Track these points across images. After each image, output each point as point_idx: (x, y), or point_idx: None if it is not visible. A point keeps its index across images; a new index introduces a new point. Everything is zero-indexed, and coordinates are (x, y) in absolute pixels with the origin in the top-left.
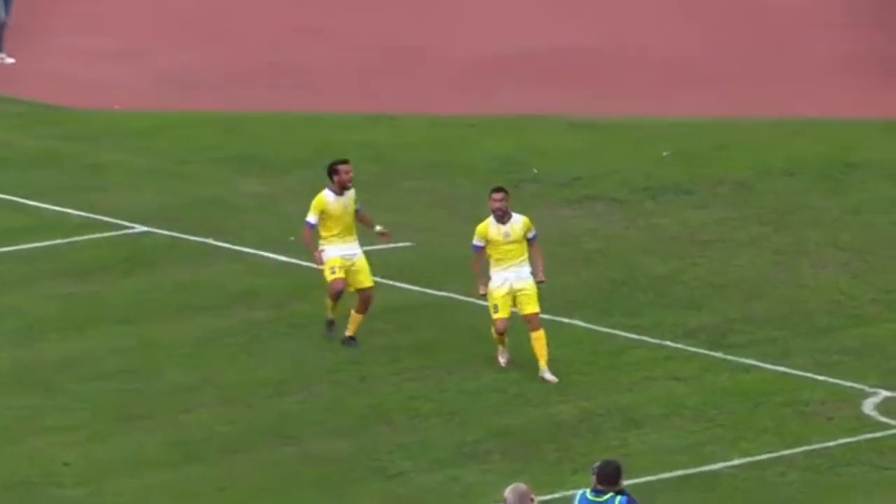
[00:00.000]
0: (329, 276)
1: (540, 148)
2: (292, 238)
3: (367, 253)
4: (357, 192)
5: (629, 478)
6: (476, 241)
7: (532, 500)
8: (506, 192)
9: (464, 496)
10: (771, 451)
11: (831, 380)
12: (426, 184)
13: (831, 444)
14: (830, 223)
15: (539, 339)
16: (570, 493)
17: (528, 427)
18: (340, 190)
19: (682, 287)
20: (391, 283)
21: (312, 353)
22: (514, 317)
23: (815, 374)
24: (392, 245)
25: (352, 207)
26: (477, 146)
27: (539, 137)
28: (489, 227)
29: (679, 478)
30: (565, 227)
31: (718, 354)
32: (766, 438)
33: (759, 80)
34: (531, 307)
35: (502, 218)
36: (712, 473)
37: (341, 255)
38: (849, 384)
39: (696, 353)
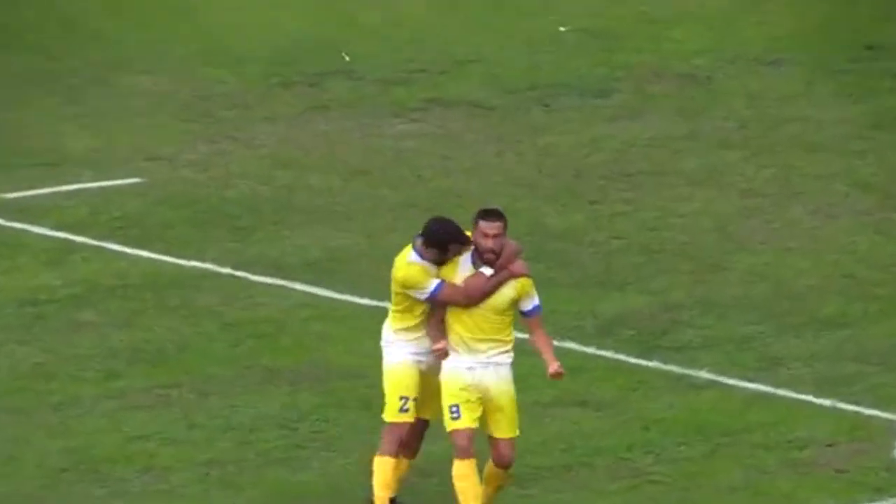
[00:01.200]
0: (393, 413)
1: (354, 19)
2: None
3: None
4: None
5: None
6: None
7: None
8: (504, 219)
9: None
10: None
11: (843, 406)
12: (158, 82)
13: None
14: (840, 143)
15: (497, 479)
16: None
17: (338, 485)
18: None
19: (592, 252)
20: (105, 245)
21: None
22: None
23: (816, 396)
24: (109, 182)
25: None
26: (246, 18)
27: (352, 1)
28: (458, 273)
29: None
30: (397, 151)
31: (653, 364)
32: (735, 502)
33: None
34: (505, 429)
35: (490, 264)
36: None
37: (415, 355)
38: (872, 413)
39: (616, 361)
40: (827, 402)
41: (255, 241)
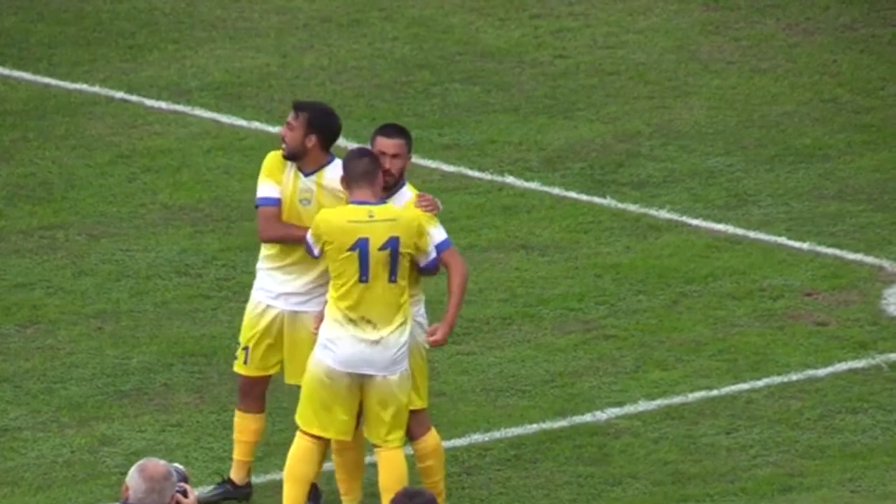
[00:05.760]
0: (239, 364)
1: None
2: None
3: None
4: None
5: None
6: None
7: (183, 488)
8: (407, 138)
9: None
10: (711, 387)
11: (822, 249)
12: None
13: (823, 371)
14: None
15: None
16: None
17: None
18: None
19: (535, 74)
20: None
21: None
22: None
23: (792, 238)
24: None
25: (328, 204)
26: None
27: None
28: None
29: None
30: None
31: (607, 202)
32: (699, 362)
33: None
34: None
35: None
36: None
37: (270, 301)
38: (856, 257)
39: (564, 199)
40: (804, 246)
41: (151, 61)
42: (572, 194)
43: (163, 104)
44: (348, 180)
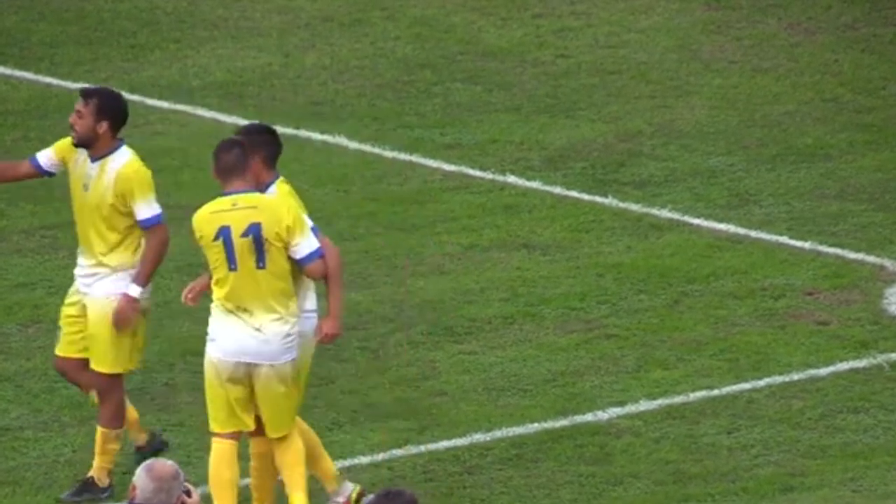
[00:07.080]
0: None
1: None
2: None
3: None
4: None
5: None
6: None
7: (186, 487)
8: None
9: None
10: (713, 386)
11: (823, 249)
12: None
13: (824, 371)
14: None
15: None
16: None
17: None
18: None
19: (537, 73)
20: None
21: None
22: None
23: (793, 237)
24: None
25: (104, 192)
26: None
27: None
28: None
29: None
30: None
31: (608, 201)
32: (700, 361)
33: None
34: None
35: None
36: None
37: (77, 284)
38: (857, 256)
39: (566, 198)
40: (806, 245)
41: (153, 60)
42: (574, 194)
43: (164, 104)
44: (218, 173)
